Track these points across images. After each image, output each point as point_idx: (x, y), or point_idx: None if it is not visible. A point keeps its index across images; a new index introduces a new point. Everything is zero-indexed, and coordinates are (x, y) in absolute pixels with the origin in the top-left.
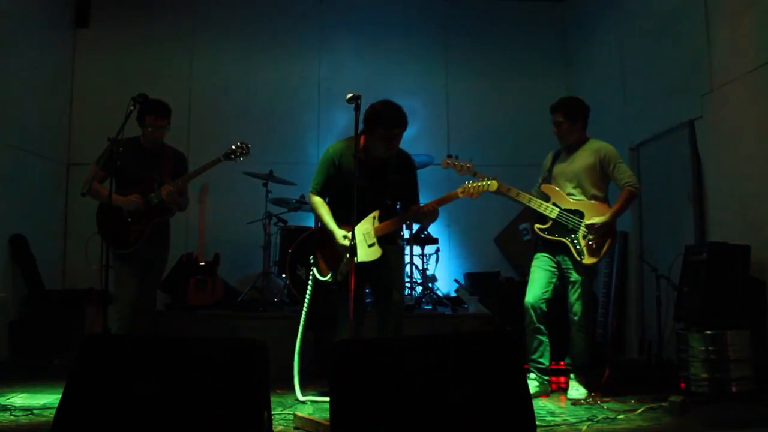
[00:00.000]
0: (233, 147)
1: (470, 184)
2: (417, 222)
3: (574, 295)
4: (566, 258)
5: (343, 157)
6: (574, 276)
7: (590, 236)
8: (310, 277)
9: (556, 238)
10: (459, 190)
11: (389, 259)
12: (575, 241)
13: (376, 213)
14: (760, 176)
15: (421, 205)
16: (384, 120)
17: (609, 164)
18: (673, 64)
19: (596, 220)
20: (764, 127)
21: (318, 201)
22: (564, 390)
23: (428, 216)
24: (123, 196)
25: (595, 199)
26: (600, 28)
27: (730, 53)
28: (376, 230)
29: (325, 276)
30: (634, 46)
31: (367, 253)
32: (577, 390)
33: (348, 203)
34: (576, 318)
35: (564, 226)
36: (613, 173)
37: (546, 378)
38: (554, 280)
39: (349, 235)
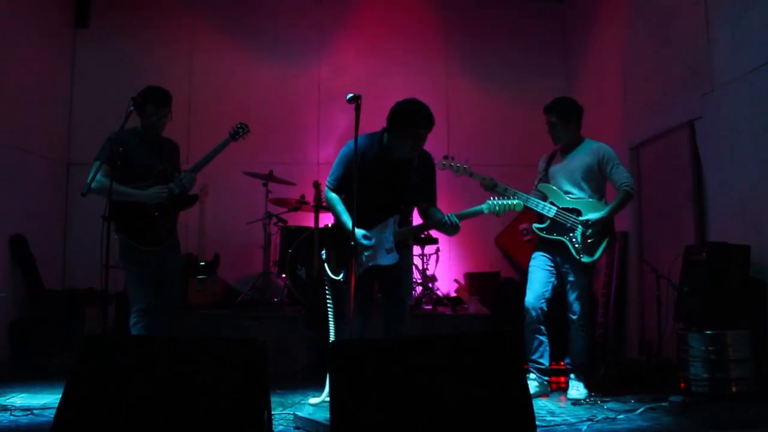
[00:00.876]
0: (236, 127)
1: (495, 201)
2: (438, 230)
3: (572, 295)
4: (565, 258)
5: (365, 154)
6: (573, 276)
7: (588, 232)
8: (326, 273)
9: (555, 237)
10: (485, 207)
11: (403, 263)
12: (574, 240)
13: (396, 217)
14: (760, 176)
15: (444, 215)
16: (412, 120)
17: (607, 165)
18: (673, 64)
19: (594, 215)
20: (764, 127)
21: (335, 198)
22: (564, 390)
23: (450, 229)
24: (139, 190)
25: (592, 198)
26: (600, 28)
27: (730, 53)
28: (396, 235)
29: (337, 275)
30: (634, 46)
31: (384, 257)
32: (577, 390)
33: (364, 202)
34: (575, 318)
35: (562, 224)
36: (610, 174)
37: (546, 378)
38: (553, 279)
39: (369, 235)
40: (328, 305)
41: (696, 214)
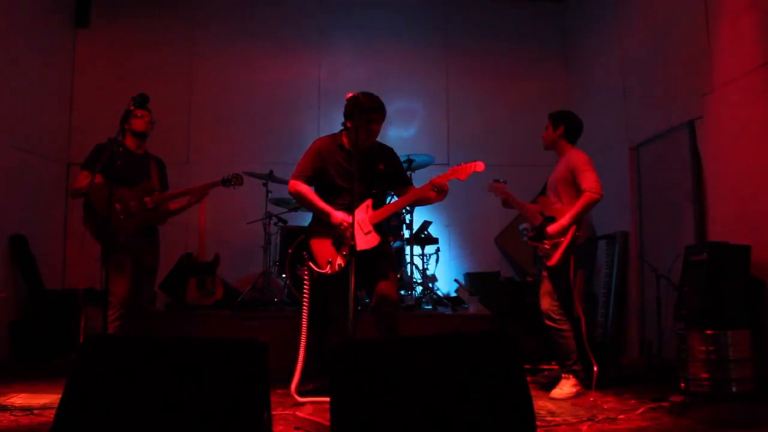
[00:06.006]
0: (230, 175)
1: (459, 166)
2: (421, 201)
3: (539, 291)
4: (540, 261)
5: (330, 150)
6: (542, 276)
7: (545, 240)
8: (306, 274)
9: (534, 243)
10: (449, 170)
11: (384, 245)
12: (542, 246)
13: (369, 201)
14: (760, 176)
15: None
16: (366, 107)
17: (574, 172)
18: (673, 64)
19: (552, 226)
20: (764, 127)
21: (307, 188)
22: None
23: (438, 192)
24: (120, 195)
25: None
26: (600, 28)
27: (730, 53)
28: (371, 218)
29: (323, 268)
30: (634, 46)
31: (364, 240)
32: (560, 389)
33: (338, 192)
34: (542, 314)
35: (542, 233)
36: (577, 180)
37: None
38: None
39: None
40: (305, 306)
41: (696, 214)
